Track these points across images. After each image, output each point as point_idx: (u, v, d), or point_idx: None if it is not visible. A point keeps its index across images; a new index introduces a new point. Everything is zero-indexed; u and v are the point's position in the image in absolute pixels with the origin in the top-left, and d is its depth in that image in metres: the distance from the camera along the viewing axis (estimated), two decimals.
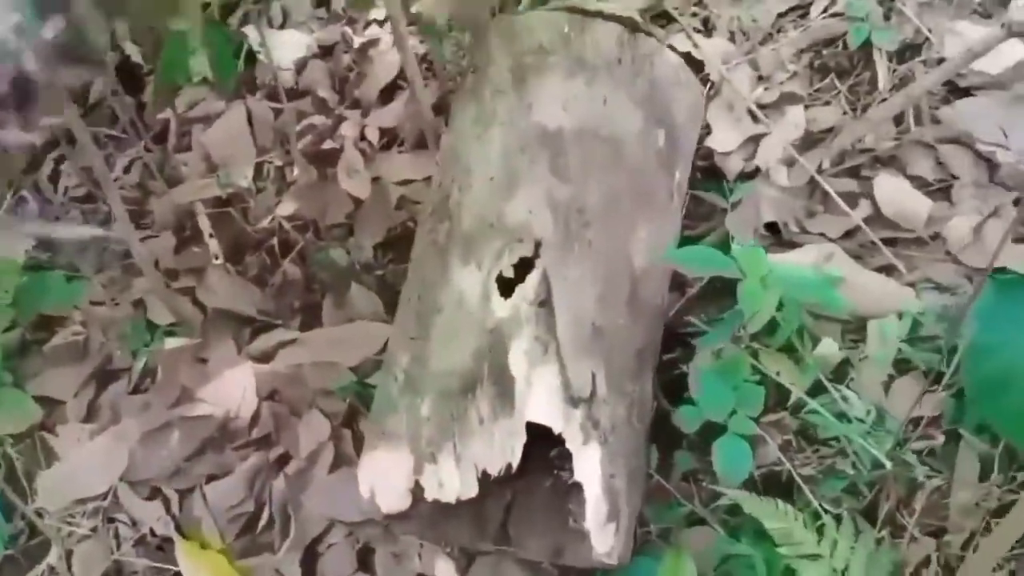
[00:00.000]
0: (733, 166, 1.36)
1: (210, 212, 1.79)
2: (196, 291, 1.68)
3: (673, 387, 1.27)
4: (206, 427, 1.49)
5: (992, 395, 0.91)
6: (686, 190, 1.27)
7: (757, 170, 1.35)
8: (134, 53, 2.17)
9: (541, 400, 1.03)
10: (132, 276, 1.75)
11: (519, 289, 1.08)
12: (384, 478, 1.05)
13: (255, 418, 1.51)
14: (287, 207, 1.75)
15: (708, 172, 1.40)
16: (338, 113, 1.88)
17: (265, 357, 1.56)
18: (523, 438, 1.02)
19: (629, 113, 1.18)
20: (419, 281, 1.14)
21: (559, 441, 1.04)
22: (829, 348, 1.09)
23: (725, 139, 1.38)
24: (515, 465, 1.01)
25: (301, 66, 2.01)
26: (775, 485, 1.10)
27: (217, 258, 1.65)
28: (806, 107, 1.37)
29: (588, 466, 1.02)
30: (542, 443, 1.07)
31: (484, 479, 1.01)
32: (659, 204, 1.18)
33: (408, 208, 1.67)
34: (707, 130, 1.40)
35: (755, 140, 1.37)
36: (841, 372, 1.10)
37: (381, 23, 2.02)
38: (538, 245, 1.09)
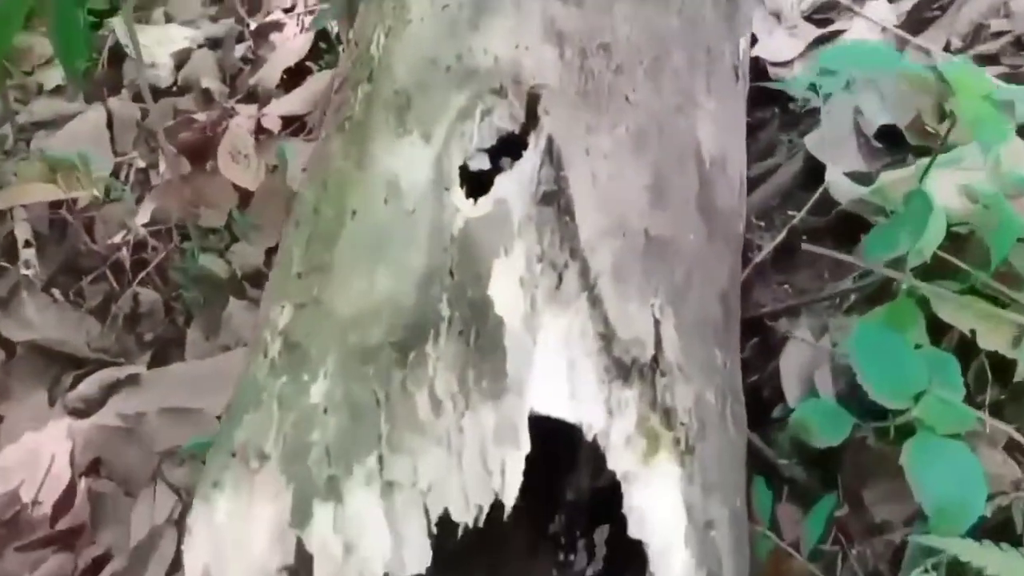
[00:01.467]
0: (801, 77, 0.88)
1: (43, 219, 1.23)
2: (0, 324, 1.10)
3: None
4: None
5: None
6: (747, 81, 0.77)
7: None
8: None
9: (558, 366, 0.49)
10: None
11: (505, 175, 0.55)
12: (229, 548, 0.47)
13: (64, 501, 0.91)
14: (147, 212, 1.21)
15: (760, 91, 0.91)
16: (227, 107, 1.37)
17: (91, 407, 0.98)
18: (525, 446, 0.47)
19: None
20: (315, 191, 0.60)
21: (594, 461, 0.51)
22: None
23: (779, 47, 0.91)
24: (509, 505, 0.46)
25: (182, 60, 1.51)
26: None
27: (28, 267, 1.08)
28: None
29: (657, 506, 0.48)
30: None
31: (444, 534, 0.45)
32: (724, 74, 0.68)
33: None
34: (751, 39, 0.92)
35: (824, 43, 0.90)
36: None
37: (287, 10, 1.55)
38: (535, 98, 0.57)
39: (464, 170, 0.56)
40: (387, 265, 0.51)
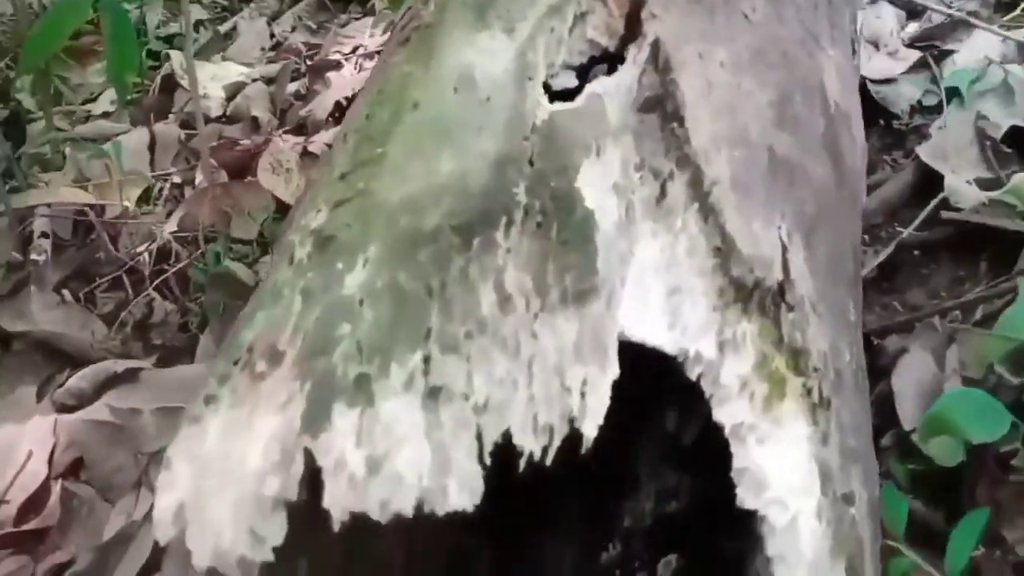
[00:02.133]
0: (905, 94, 0.79)
1: (67, 224, 1.15)
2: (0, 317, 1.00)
3: None
4: None
5: None
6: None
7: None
8: (29, 103, 1.62)
9: (657, 289, 0.38)
10: None
11: (599, 80, 0.46)
12: (215, 477, 0.36)
13: (34, 502, 0.79)
14: (176, 220, 1.13)
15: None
16: (275, 135, 1.31)
17: (82, 403, 0.87)
18: (613, 369, 0.35)
19: None
20: (368, 100, 0.51)
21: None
22: None
23: (881, 67, 0.83)
24: (590, 436, 0.34)
25: (235, 93, 1.46)
26: None
27: (38, 253, 0.99)
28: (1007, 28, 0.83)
29: (780, 468, 0.36)
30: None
31: (506, 466, 0.33)
32: (843, 34, 0.59)
33: None
34: None
35: (926, 67, 0.82)
36: None
37: (347, 54, 1.51)
38: (639, 3, 0.48)
39: (547, 89, 0.47)
40: (454, 150, 0.41)
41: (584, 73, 0.49)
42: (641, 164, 0.42)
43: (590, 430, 0.34)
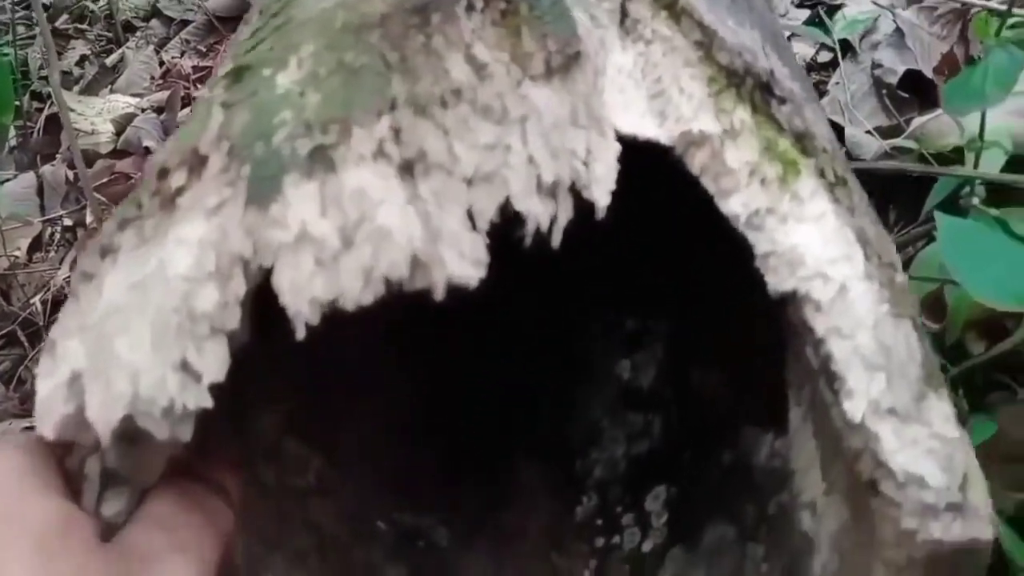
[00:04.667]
0: (799, 53, 0.78)
1: None
2: None
3: None
4: None
5: None
6: None
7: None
8: None
9: (638, 91, 0.32)
10: None
11: None
12: (126, 311, 0.26)
13: None
14: (69, 265, 1.00)
15: None
16: None
17: None
18: (614, 142, 0.29)
19: None
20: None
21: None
22: None
23: None
24: (602, 203, 0.27)
25: (124, 126, 1.34)
26: None
27: None
28: None
29: (812, 240, 0.29)
30: None
31: (502, 244, 0.26)
32: None
33: None
34: None
35: (817, 24, 0.81)
36: None
37: None
38: None
39: None
40: None
41: None
42: None
43: (601, 197, 0.27)
